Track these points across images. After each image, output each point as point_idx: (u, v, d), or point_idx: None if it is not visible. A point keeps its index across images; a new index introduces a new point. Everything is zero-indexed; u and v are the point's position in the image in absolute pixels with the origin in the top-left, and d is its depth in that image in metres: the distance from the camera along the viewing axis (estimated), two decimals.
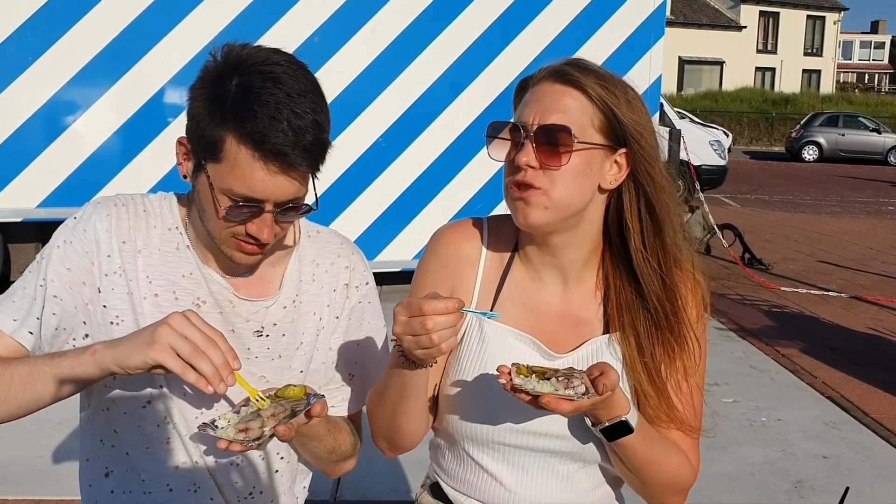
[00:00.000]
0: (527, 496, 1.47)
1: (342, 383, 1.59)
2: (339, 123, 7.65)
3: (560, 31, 7.18)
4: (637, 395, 1.44)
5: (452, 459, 1.53)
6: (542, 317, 1.46)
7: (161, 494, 1.46)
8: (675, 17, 43.33)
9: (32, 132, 6.46)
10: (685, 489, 1.46)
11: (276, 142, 1.26)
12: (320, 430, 1.49)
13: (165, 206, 1.48)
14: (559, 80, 1.35)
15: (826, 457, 4.47)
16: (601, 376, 1.23)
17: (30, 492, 3.69)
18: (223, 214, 1.31)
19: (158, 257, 1.43)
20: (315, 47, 6.69)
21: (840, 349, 6.61)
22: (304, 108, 1.28)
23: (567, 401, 1.20)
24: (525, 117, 1.36)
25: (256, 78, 1.28)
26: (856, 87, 55.95)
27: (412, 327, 1.19)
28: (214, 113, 1.28)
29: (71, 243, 1.40)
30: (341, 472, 1.64)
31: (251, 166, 1.28)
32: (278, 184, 1.30)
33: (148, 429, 1.44)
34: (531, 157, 1.33)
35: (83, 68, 6.42)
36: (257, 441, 1.24)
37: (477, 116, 7.17)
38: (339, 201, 6.85)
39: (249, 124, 1.26)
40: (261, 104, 1.26)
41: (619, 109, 1.35)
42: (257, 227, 1.33)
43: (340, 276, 1.56)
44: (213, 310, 1.44)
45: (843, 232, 13.45)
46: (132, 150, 6.52)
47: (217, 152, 1.29)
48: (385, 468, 3.81)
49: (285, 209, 1.34)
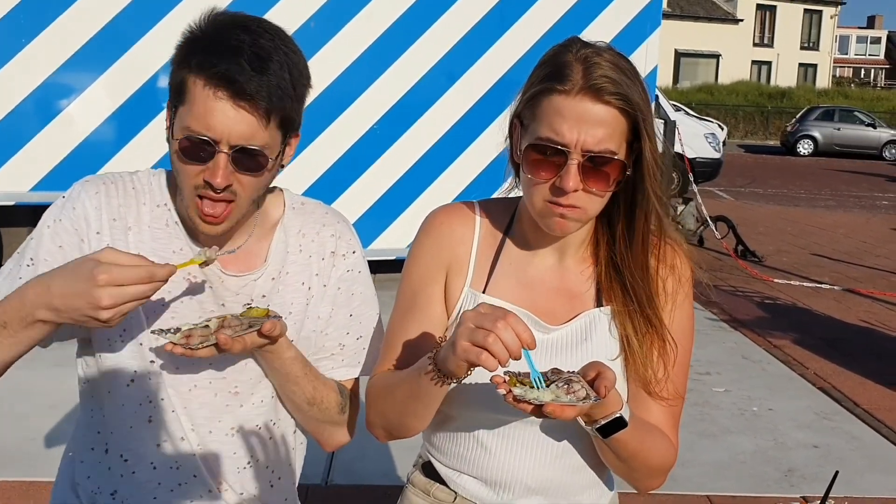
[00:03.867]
0: (521, 470, 1.47)
1: (332, 352, 1.58)
2: (334, 109, 7.66)
3: (556, 20, 7.15)
4: (624, 352, 1.45)
5: (446, 436, 1.53)
6: (536, 290, 1.47)
7: (144, 473, 1.46)
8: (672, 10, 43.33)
9: (25, 115, 6.43)
10: (668, 471, 1.48)
11: (226, 67, 1.26)
12: (294, 368, 1.46)
13: (154, 182, 1.48)
14: (599, 99, 1.29)
15: (817, 446, 4.49)
16: (599, 378, 1.23)
17: (20, 473, 3.68)
18: (176, 148, 1.31)
19: (148, 234, 1.43)
20: (311, 32, 6.67)
21: (832, 341, 6.62)
22: (269, 50, 1.30)
23: (570, 407, 1.20)
24: (565, 137, 1.29)
25: (226, 27, 1.31)
26: (852, 81, 56.01)
27: (482, 321, 1.18)
28: (182, 59, 1.31)
29: (60, 221, 1.40)
30: (333, 440, 1.61)
31: (204, 96, 1.28)
32: (231, 118, 1.28)
33: (131, 407, 1.43)
34: (577, 182, 1.30)
35: (77, 51, 6.38)
36: (200, 346, 1.29)
37: (472, 105, 7.16)
38: (333, 188, 6.84)
39: (208, 59, 1.27)
40: (225, 45, 1.28)
41: (647, 115, 1.33)
42: (212, 171, 1.31)
43: (327, 245, 1.56)
44: (202, 285, 1.44)
45: (837, 225, 13.48)
46: (126, 134, 6.50)
47: (182, 94, 1.31)
48: (377, 452, 3.82)
49: (240, 151, 1.31)
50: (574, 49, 1.33)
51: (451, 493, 1.54)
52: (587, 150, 1.29)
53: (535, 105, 1.34)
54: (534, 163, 1.33)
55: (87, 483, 1.49)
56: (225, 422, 1.48)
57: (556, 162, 1.31)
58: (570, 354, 1.43)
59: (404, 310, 1.50)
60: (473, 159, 7.20)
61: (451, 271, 1.47)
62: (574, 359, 1.40)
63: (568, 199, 1.31)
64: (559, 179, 1.31)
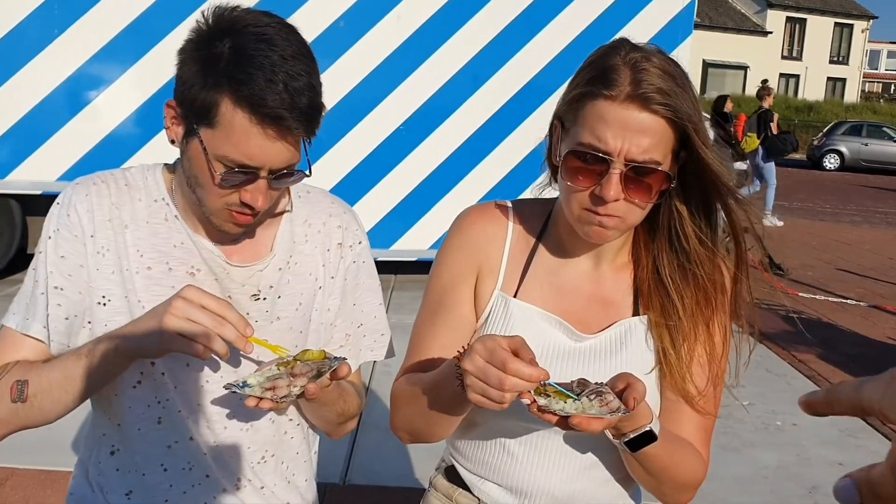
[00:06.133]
0: (547, 480, 1.43)
1: (341, 344, 1.56)
2: (361, 110, 7.67)
3: (586, 25, 7.10)
4: (660, 363, 1.41)
5: (471, 441, 1.50)
6: (569, 297, 1.42)
7: (155, 476, 1.44)
8: (701, 20, 43.05)
9: (54, 106, 6.48)
10: (697, 486, 1.43)
11: (273, 105, 1.22)
12: (333, 395, 1.46)
13: (149, 177, 1.45)
14: (646, 108, 1.23)
15: (841, 464, 4.40)
16: (628, 389, 1.18)
17: (39, 462, 3.68)
18: (218, 181, 1.28)
19: (147, 230, 1.40)
20: (340, 32, 6.67)
21: (858, 357, 6.52)
22: (298, 70, 1.25)
23: (597, 420, 1.15)
24: (609, 144, 1.24)
25: (250, 40, 1.24)
26: (881, 97, 55.42)
27: (486, 375, 1.13)
28: (208, 76, 1.24)
29: (59, 231, 1.39)
30: (345, 433, 1.63)
31: (247, 132, 1.24)
32: (275, 150, 1.26)
33: (138, 409, 1.41)
34: (619, 191, 1.25)
35: (107, 44, 6.42)
36: (285, 398, 1.24)
37: (498, 109, 7.13)
38: (357, 188, 6.83)
39: (245, 87, 1.22)
40: (256, 66, 1.22)
41: (697, 123, 1.27)
42: (252, 194, 1.29)
43: (333, 236, 1.54)
44: (208, 277, 1.41)
45: (863, 241, 13.30)
46: (153, 127, 6.52)
47: (211, 117, 1.25)
48: (395, 454, 3.78)
49: (279, 175, 1.30)
50: (623, 52, 1.27)
51: (475, 499, 1.51)
52: (630, 160, 1.24)
53: (578, 108, 1.28)
54: (574, 170, 1.28)
55: (100, 480, 1.48)
56: (239, 418, 1.45)
57: (597, 170, 1.26)
58: (603, 364, 1.38)
59: (432, 310, 1.46)
60: (497, 164, 7.17)
61: (481, 272, 1.44)
62: (606, 369, 1.36)
63: (607, 209, 1.27)
64: (599, 188, 1.26)
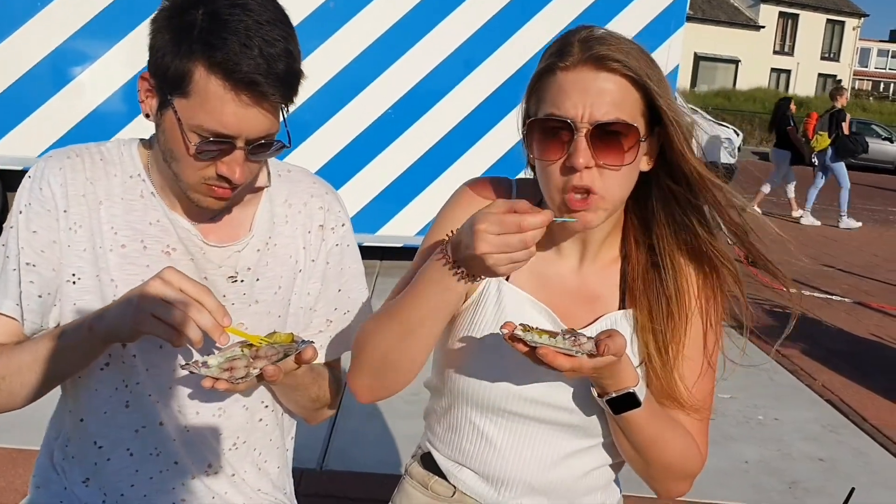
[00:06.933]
0: (525, 469, 1.40)
1: (321, 329, 1.51)
2: (349, 92, 7.57)
3: (579, 12, 7.04)
4: (645, 366, 1.37)
5: (449, 426, 1.46)
6: (554, 291, 1.38)
7: (121, 460, 1.39)
8: (694, 13, 43.01)
9: (38, 80, 6.38)
10: (691, 475, 1.39)
11: (247, 70, 1.17)
12: (305, 378, 1.42)
13: (125, 152, 1.40)
14: (601, 67, 1.21)
15: (822, 459, 4.40)
16: (607, 338, 1.15)
17: (7, 441, 3.62)
18: (193, 152, 1.23)
19: (122, 206, 1.35)
20: (330, 13, 6.59)
21: (841, 353, 6.53)
22: (274, 35, 1.20)
23: (565, 356, 1.12)
24: (569, 111, 1.21)
25: (224, 5, 1.20)
26: (870, 94, 55.66)
27: (509, 244, 1.10)
28: (181, 44, 1.19)
29: (30, 205, 1.33)
30: (322, 419, 1.59)
31: (222, 98, 1.19)
32: (251, 117, 1.21)
33: (105, 392, 1.36)
34: (588, 157, 1.21)
35: (93, 18, 6.32)
36: (243, 379, 1.19)
37: (488, 95, 7.07)
38: (344, 172, 6.77)
39: (219, 52, 1.17)
40: (230, 31, 1.18)
41: (660, 89, 1.24)
42: (228, 166, 1.25)
43: (315, 217, 1.49)
44: (183, 257, 1.36)
45: (850, 238, 13.36)
46: (137, 105, 6.41)
47: (185, 86, 1.20)
48: (374, 440, 3.74)
49: (257, 146, 1.26)
50: (577, 32, 1.26)
51: (451, 487, 1.47)
52: (595, 121, 1.20)
53: (539, 88, 1.27)
54: (541, 143, 1.25)
55: (63, 465, 1.43)
56: (212, 402, 1.40)
57: (563, 138, 1.22)
58: None
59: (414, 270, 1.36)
60: (486, 151, 7.11)
61: None
62: None
63: (581, 180, 1.22)
64: (569, 158, 1.21)
